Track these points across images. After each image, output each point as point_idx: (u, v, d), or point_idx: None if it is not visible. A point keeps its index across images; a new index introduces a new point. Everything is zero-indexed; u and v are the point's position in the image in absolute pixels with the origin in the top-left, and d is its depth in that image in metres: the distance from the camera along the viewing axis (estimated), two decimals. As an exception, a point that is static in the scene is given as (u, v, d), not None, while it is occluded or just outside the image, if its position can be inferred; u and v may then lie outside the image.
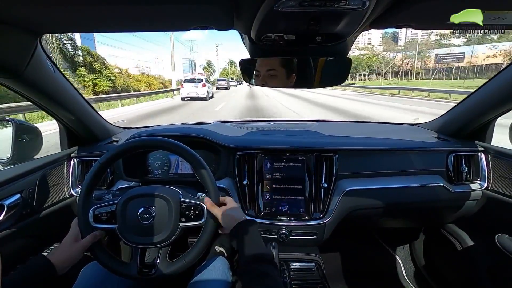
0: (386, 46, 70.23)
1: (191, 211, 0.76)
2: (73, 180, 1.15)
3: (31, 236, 0.98)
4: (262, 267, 0.59)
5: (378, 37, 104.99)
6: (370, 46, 77.57)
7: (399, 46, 74.82)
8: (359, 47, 70.71)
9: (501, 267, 1.04)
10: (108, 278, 0.80)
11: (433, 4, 0.54)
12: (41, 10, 0.58)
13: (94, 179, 0.77)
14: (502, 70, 0.93)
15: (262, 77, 0.80)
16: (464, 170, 1.11)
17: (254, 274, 0.58)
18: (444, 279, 1.31)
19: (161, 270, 0.74)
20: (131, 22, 0.67)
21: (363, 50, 66.36)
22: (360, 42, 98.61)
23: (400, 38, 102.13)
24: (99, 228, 0.75)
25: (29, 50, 0.74)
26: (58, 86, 0.93)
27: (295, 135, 1.29)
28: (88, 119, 1.14)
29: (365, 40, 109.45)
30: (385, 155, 1.13)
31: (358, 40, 62.32)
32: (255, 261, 0.61)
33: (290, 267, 1.08)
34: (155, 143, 0.81)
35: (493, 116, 1.04)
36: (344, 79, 0.79)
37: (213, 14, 0.61)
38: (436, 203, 1.13)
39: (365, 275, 1.51)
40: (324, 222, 1.02)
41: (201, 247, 0.75)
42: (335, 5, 0.48)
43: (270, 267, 0.60)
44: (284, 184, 1.07)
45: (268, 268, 0.59)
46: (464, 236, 1.21)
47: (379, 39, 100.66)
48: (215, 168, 1.12)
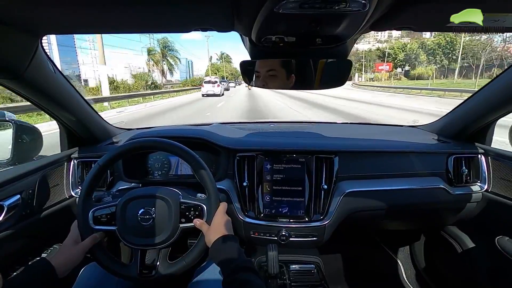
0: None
1: (191, 212, 0.76)
2: (73, 181, 1.14)
3: (31, 237, 0.97)
4: (242, 276, 0.61)
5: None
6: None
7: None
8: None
9: (501, 269, 1.04)
10: (108, 279, 0.80)
11: (433, 6, 0.54)
12: (42, 11, 0.58)
13: (94, 181, 0.77)
14: (502, 72, 0.94)
15: (262, 78, 0.81)
16: (464, 172, 1.10)
17: (237, 284, 0.60)
18: (444, 281, 1.30)
19: (161, 271, 0.74)
20: (131, 23, 0.68)
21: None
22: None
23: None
24: (99, 230, 0.75)
25: (29, 51, 0.74)
26: (58, 87, 0.93)
27: (295, 137, 1.29)
28: (89, 120, 1.14)
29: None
30: (385, 157, 1.12)
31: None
32: (236, 271, 0.62)
33: (290, 269, 1.08)
34: (155, 144, 0.81)
35: (493, 118, 1.04)
36: (344, 81, 0.79)
37: (214, 15, 0.61)
38: (436, 205, 1.13)
39: (365, 277, 1.51)
40: (324, 224, 1.02)
41: (201, 248, 0.75)
42: (336, 7, 0.48)
43: (250, 275, 0.62)
44: (284, 185, 1.07)
45: (249, 276, 0.61)
46: (464, 238, 1.20)
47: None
48: (215, 170, 1.12)
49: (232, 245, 0.69)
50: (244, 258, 0.67)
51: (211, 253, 0.70)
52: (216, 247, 0.69)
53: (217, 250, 0.69)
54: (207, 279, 0.83)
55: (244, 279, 0.60)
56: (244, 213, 1.06)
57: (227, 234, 0.72)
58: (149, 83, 27.74)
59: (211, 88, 20.40)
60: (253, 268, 0.64)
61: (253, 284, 0.59)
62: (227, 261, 0.66)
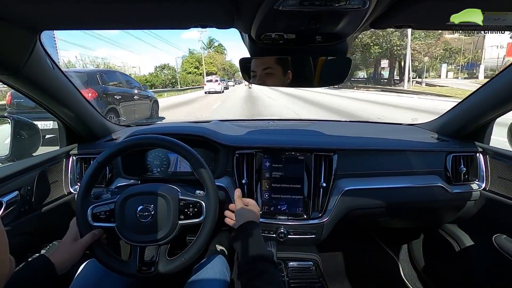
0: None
1: (190, 209, 0.77)
2: (72, 178, 1.14)
3: (30, 233, 0.97)
4: (261, 266, 0.61)
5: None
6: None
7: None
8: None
9: (499, 267, 1.05)
10: (107, 276, 0.80)
11: (434, 4, 0.54)
12: (41, 6, 0.58)
13: (92, 178, 0.77)
14: (501, 71, 0.94)
15: (259, 77, 0.81)
16: (463, 171, 1.11)
17: (254, 272, 0.60)
18: (442, 279, 1.31)
19: (160, 268, 0.74)
20: (130, 19, 0.67)
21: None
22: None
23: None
24: (98, 227, 0.75)
25: (28, 46, 0.73)
26: (57, 83, 0.93)
27: (294, 134, 1.29)
28: (87, 117, 1.14)
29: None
30: (384, 155, 1.13)
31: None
32: (255, 260, 0.63)
33: (288, 266, 1.08)
34: (154, 141, 0.81)
35: (492, 117, 1.04)
36: (343, 78, 0.79)
37: (213, 12, 0.61)
38: (434, 204, 1.14)
39: (363, 274, 1.52)
40: (323, 222, 1.02)
41: (201, 244, 0.75)
42: (336, 5, 0.48)
43: (269, 265, 0.62)
44: (283, 183, 1.07)
45: (268, 267, 0.61)
46: (462, 236, 1.21)
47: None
48: (214, 167, 1.12)
49: (258, 233, 0.71)
50: (266, 248, 0.69)
51: (233, 238, 0.72)
52: (242, 230, 0.71)
53: (241, 236, 0.70)
54: (207, 276, 0.84)
55: (263, 269, 0.60)
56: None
57: (252, 220, 0.74)
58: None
59: (213, 86, 22.85)
60: (273, 260, 0.65)
61: (270, 275, 0.59)
62: (250, 247, 0.67)
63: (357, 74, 33.48)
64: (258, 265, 0.61)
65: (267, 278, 0.58)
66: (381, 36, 21.54)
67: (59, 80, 0.94)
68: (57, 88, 0.94)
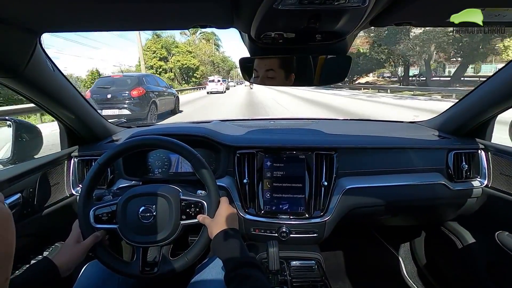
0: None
1: (191, 209, 0.77)
2: (74, 180, 1.15)
3: (32, 236, 0.98)
4: (245, 271, 0.60)
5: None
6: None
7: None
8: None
9: (501, 264, 1.05)
10: (110, 277, 0.80)
11: (433, 1, 0.53)
12: (41, 8, 0.58)
13: (94, 180, 0.78)
14: (502, 67, 0.93)
15: (261, 78, 0.81)
16: (464, 168, 1.11)
17: (239, 279, 0.59)
18: (445, 276, 1.31)
19: (163, 269, 0.74)
20: (130, 20, 0.67)
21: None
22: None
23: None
24: (100, 229, 0.75)
25: (28, 49, 0.74)
26: (58, 85, 0.93)
27: (295, 133, 1.29)
28: (88, 118, 1.14)
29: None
30: (385, 153, 1.12)
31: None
32: (238, 267, 0.62)
33: (291, 265, 1.08)
34: (155, 142, 0.81)
35: (493, 114, 1.04)
36: (344, 77, 0.79)
37: (213, 12, 0.61)
38: (436, 201, 1.14)
39: (366, 273, 1.52)
40: (325, 220, 1.02)
41: (203, 244, 0.75)
42: (335, 3, 0.48)
43: (252, 270, 0.61)
44: (285, 182, 1.07)
45: (251, 271, 0.60)
46: (464, 233, 1.21)
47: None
48: (215, 167, 1.12)
49: (234, 239, 0.68)
50: (247, 253, 0.67)
51: (212, 247, 0.69)
52: (218, 240, 0.68)
53: (219, 244, 0.68)
54: (209, 276, 0.84)
55: (246, 274, 0.60)
56: (244, 210, 1.06)
57: (229, 227, 0.71)
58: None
59: (215, 86, 23.43)
60: (256, 263, 0.64)
61: (255, 279, 0.59)
62: (229, 256, 0.65)
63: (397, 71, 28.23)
64: (241, 272, 0.60)
65: (251, 282, 0.58)
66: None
67: (60, 82, 0.94)
68: (58, 90, 0.94)
